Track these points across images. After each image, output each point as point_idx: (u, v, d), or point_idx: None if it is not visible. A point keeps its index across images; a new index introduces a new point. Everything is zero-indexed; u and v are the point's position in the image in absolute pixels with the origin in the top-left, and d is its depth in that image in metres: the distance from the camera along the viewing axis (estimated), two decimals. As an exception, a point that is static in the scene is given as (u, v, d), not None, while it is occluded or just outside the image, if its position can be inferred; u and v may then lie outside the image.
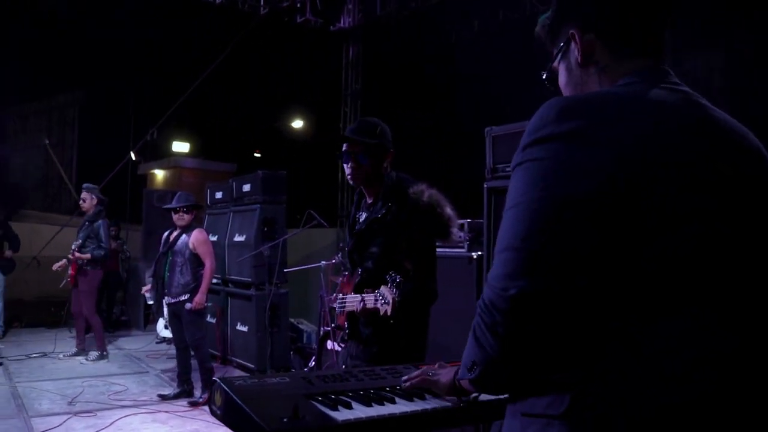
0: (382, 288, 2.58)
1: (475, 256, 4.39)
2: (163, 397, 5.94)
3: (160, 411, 5.53)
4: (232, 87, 14.69)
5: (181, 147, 16.47)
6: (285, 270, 7.24)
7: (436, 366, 1.60)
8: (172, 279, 5.91)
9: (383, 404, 1.44)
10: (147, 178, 15.97)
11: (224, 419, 1.40)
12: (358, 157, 2.88)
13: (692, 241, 1.08)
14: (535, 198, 1.10)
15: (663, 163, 1.10)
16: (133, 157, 13.48)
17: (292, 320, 8.01)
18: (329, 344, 6.03)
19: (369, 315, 2.68)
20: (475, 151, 9.03)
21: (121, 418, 5.27)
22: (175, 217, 6.05)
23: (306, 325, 8.62)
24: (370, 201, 2.98)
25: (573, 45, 1.35)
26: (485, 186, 4.15)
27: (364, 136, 2.90)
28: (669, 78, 1.27)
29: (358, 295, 2.72)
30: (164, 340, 8.62)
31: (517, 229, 1.11)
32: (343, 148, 2.92)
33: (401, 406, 1.44)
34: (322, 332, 6.29)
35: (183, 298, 5.85)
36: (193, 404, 5.72)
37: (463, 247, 4.55)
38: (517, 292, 1.07)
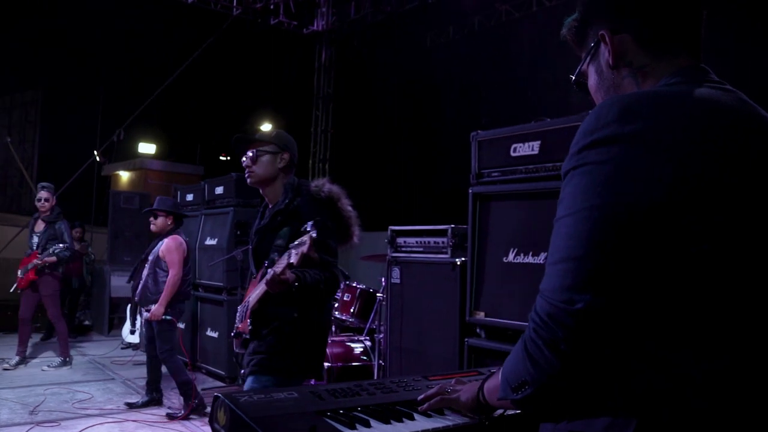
0: (295, 242, 2.53)
1: (458, 262, 4.31)
2: (131, 406, 5.73)
3: (127, 420, 5.32)
4: (201, 89, 14.45)
5: (147, 148, 16.14)
6: (258, 275, 7.08)
7: (453, 382, 1.50)
8: (145, 286, 5.71)
9: (402, 421, 1.34)
10: (111, 179, 15.63)
11: (230, 439, 1.28)
12: (254, 156, 3.00)
13: (737, 250, 1.02)
14: (597, 205, 1.02)
15: (728, 170, 1.03)
16: (98, 158, 13.15)
17: (263, 326, 7.83)
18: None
19: (280, 284, 2.58)
20: (453, 156, 9.00)
21: (87, 428, 5.06)
22: (151, 220, 5.89)
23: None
24: (272, 206, 3.03)
25: (603, 46, 1.28)
26: (470, 191, 4.07)
27: (262, 137, 3.07)
28: (712, 77, 1.20)
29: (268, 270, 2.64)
30: (130, 345, 8.38)
31: (578, 238, 1.02)
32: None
33: (421, 423, 1.34)
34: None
35: (152, 306, 5.64)
36: (171, 417, 5.48)
37: (446, 253, 4.46)
38: (584, 305, 0.98)
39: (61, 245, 7.18)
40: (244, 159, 3.03)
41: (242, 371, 2.91)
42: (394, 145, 10.92)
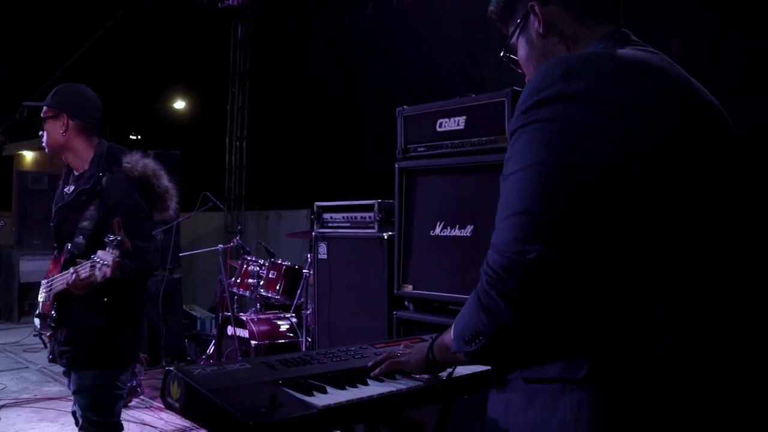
0: (99, 252, 2.38)
1: (386, 237, 4.36)
2: None
3: (47, 408, 5.14)
4: (111, 65, 13.83)
5: (52, 127, 15.36)
6: (180, 254, 6.94)
7: (402, 346, 1.55)
8: None
9: (356, 386, 1.38)
10: (14, 159, 14.83)
11: (186, 413, 1.28)
12: (41, 124, 2.80)
13: (689, 218, 1.08)
14: (548, 160, 1.07)
15: (667, 128, 1.10)
16: (-2, 137, 12.45)
17: (184, 307, 7.71)
18: (229, 330, 5.85)
19: (83, 287, 2.45)
20: (374, 131, 9.01)
21: (3, 419, 4.86)
22: None
23: (199, 312, 8.35)
24: (77, 173, 2.83)
25: (532, 18, 1.35)
26: (396, 166, 4.11)
27: (44, 102, 2.81)
28: (634, 39, 1.29)
29: (70, 268, 2.50)
30: (43, 332, 8.04)
31: (530, 192, 1.07)
32: None
33: (375, 388, 1.39)
34: (221, 318, 6.08)
35: None
36: None
37: (373, 228, 4.50)
38: (537, 256, 1.03)
39: None
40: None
41: (59, 360, 2.68)
42: (314, 123, 10.83)
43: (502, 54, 1.48)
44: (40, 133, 2.83)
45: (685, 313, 1.06)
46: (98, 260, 2.34)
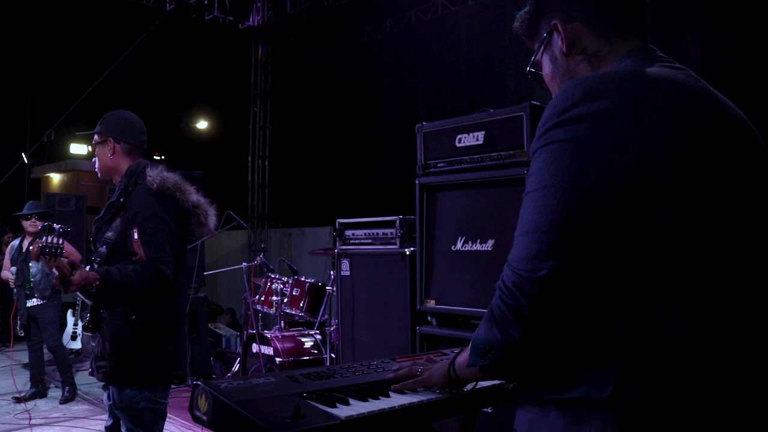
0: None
1: (408, 252, 4.38)
2: (18, 400, 6.04)
3: (76, 427, 5.22)
4: (135, 87, 14.10)
5: (79, 149, 15.66)
6: (205, 273, 7.02)
7: (424, 360, 1.56)
8: (37, 284, 6.11)
9: (378, 398, 1.40)
10: (42, 181, 15.12)
11: (214, 425, 1.32)
12: (93, 150, 2.96)
13: (706, 225, 1.08)
14: (566, 180, 1.08)
15: (689, 143, 1.10)
16: (26, 160, 12.71)
17: (210, 325, 7.78)
18: (254, 347, 5.90)
19: (71, 287, 2.44)
20: (394, 148, 9.07)
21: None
22: (27, 224, 6.13)
23: (224, 330, 8.42)
24: None
25: (555, 36, 1.35)
26: (417, 182, 4.15)
27: (95, 130, 2.95)
28: (661, 55, 1.28)
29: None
30: (72, 352, 8.16)
31: (545, 211, 1.09)
32: None
33: (397, 400, 1.41)
34: (246, 335, 6.13)
35: (42, 302, 6.13)
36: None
37: (395, 244, 4.53)
38: (547, 273, 1.05)
39: None
40: None
41: (96, 374, 2.75)
42: (334, 140, 10.94)
43: (527, 70, 1.48)
44: (93, 159, 2.99)
45: (702, 296, 1.06)
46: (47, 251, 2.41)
